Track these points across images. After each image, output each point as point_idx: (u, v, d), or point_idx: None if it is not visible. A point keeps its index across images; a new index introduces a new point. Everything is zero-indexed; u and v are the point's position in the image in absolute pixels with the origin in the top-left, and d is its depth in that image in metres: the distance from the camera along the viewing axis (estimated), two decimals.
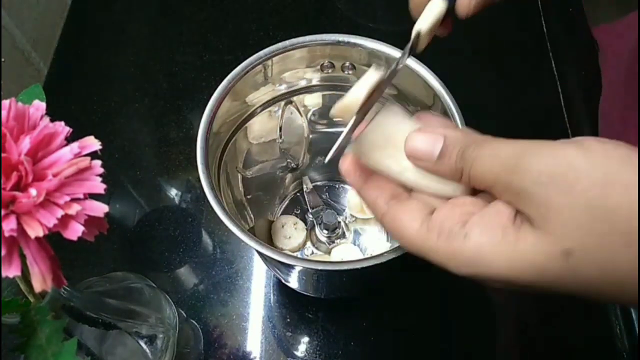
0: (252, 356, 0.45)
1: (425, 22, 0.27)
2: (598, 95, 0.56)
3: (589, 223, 0.18)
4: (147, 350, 0.35)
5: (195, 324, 0.46)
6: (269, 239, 0.47)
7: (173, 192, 0.53)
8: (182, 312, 0.46)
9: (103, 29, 0.65)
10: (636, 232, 0.17)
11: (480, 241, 0.20)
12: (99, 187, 0.21)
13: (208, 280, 0.48)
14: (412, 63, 0.35)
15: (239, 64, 0.35)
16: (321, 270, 0.32)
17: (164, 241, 0.50)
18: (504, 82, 0.60)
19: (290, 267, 0.35)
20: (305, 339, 0.46)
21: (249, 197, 0.44)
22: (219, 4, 0.66)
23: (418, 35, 0.27)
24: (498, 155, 0.21)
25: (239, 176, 0.42)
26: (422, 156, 0.23)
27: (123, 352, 0.35)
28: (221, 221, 0.30)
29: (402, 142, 0.24)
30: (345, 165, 0.25)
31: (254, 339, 0.46)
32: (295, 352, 0.45)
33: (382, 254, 0.29)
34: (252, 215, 0.44)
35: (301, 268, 0.34)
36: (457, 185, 0.23)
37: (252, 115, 0.40)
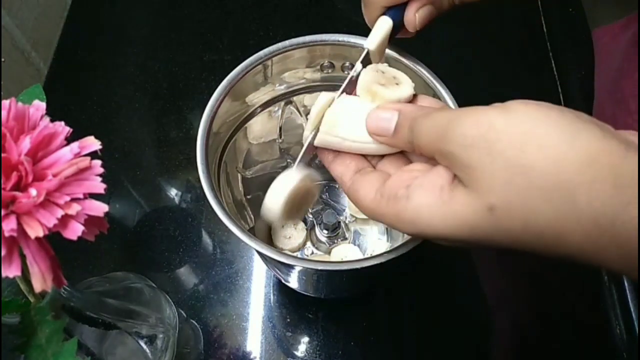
0: (252, 356, 0.45)
1: (373, 41, 0.29)
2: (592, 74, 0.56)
3: (509, 179, 0.19)
4: (147, 350, 0.35)
5: (195, 324, 0.46)
6: (269, 239, 0.47)
7: (173, 192, 0.53)
8: (182, 312, 0.46)
9: (103, 29, 0.65)
10: (552, 187, 0.18)
11: (419, 202, 0.22)
12: (99, 187, 0.21)
13: (208, 280, 0.48)
14: (411, 63, 0.35)
15: (239, 64, 0.35)
16: (321, 270, 0.31)
17: (164, 241, 0.50)
18: (504, 82, 0.60)
19: (290, 267, 0.35)
20: (305, 339, 0.46)
21: (249, 197, 0.44)
22: (219, 4, 0.66)
23: (368, 52, 0.29)
24: (434, 124, 0.22)
25: (239, 176, 0.42)
26: (380, 132, 0.25)
27: (123, 352, 0.35)
28: (221, 221, 0.30)
29: (357, 120, 0.26)
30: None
31: (254, 339, 0.46)
32: (295, 352, 0.45)
33: (382, 254, 0.29)
34: (252, 216, 0.44)
35: (301, 268, 0.34)
36: None
37: (252, 115, 0.40)
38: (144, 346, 0.35)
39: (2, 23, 0.53)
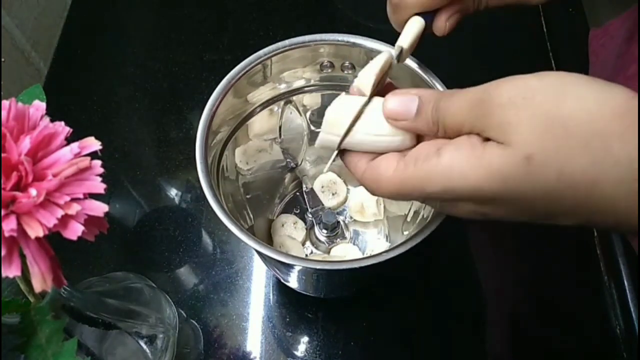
0: (252, 356, 0.45)
1: (406, 40, 0.30)
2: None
3: (546, 130, 0.20)
4: (147, 350, 0.35)
5: (195, 324, 0.46)
6: (269, 238, 0.47)
7: (173, 192, 0.53)
8: (182, 312, 0.46)
9: (103, 29, 0.65)
10: (589, 135, 0.19)
11: (452, 157, 0.22)
12: (99, 187, 0.21)
13: (208, 280, 0.48)
14: (412, 63, 0.35)
15: (239, 64, 0.35)
16: (320, 269, 0.31)
17: (164, 241, 0.50)
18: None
19: (289, 266, 0.35)
20: (305, 339, 0.46)
21: (248, 196, 0.44)
22: (219, 4, 0.66)
23: (401, 50, 0.30)
24: (465, 96, 0.23)
25: (239, 175, 0.42)
26: (400, 116, 0.25)
27: (123, 352, 0.35)
28: (221, 221, 0.30)
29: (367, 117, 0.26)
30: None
31: (254, 339, 0.46)
32: (295, 352, 0.45)
33: (380, 254, 0.29)
34: (251, 215, 0.44)
35: (300, 267, 0.34)
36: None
37: (252, 114, 0.40)
38: (144, 346, 0.35)
39: (2, 23, 0.53)
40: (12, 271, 0.19)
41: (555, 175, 0.20)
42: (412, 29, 0.30)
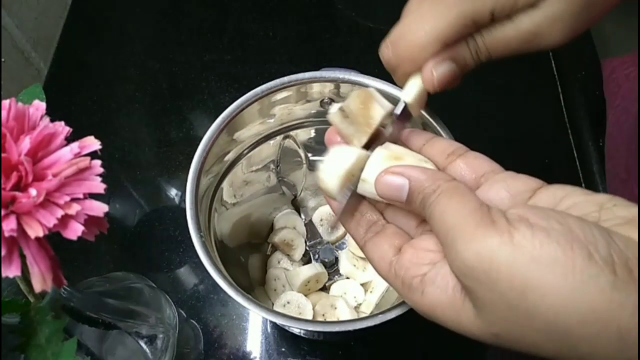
0: (252, 356, 0.45)
1: (409, 95, 0.27)
2: (600, 100, 0.55)
3: (510, 318, 0.20)
4: (147, 350, 0.35)
5: (195, 324, 0.46)
6: (264, 274, 0.46)
7: (173, 192, 0.53)
8: (182, 312, 0.46)
9: (103, 29, 0.65)
10: (554, 332, 0.19)
11: (433, 301, 0.22)
12: (99, 187, 0.21)
13: (208, 280, 0.48)
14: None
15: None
16: (314, 331, 0.32)
17: (164, 241, 0.50)
18: (504, 83, 0.60)
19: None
20: (306, 339, 0.46)
21: (242, 233, 0.42)
22: (219, 4, 0.66)
23: (405, 106, 0.27)
24: (444, 222, 0.21)
25: (230, 212, 0.41)
26: (392, 199, 0.24)
27: (123, 352, 0.35)
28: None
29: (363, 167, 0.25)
30: (329, 201, 0.27)
31: (254, 339, 0.46)
32: (296, 352, 0.45)
33: (377, 315, 0.29)
34: (245, 252, 0.43)
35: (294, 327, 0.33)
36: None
37: (243, 153, 0.39)
38: (144, 346, 0.35)
39: (2, 23, 0.53)
40: (12, 271, 0.19)
41: (525, 349, 0.20)
42: (418, 80, 0.27)
